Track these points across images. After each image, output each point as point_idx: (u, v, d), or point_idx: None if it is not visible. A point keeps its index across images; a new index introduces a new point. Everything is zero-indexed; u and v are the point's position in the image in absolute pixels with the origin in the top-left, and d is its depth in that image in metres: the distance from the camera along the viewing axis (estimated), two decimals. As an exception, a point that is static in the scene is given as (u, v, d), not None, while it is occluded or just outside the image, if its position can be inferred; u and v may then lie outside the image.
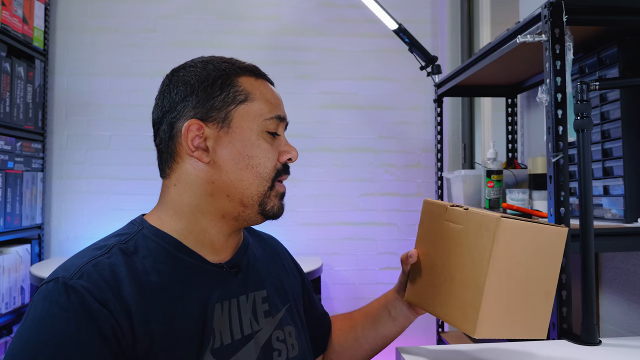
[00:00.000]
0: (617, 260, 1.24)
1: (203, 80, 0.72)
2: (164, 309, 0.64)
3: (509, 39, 1.21)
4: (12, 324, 2.15)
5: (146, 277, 0.65)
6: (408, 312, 0.86)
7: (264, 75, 0.78)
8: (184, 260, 0.69)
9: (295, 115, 2.59)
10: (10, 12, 2.11)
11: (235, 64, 0.75)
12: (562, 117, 0.97)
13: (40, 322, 0.58)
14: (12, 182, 2.13)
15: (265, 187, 0.72)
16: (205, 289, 0.69)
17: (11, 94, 2.11)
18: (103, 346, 0.58)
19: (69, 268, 0.63)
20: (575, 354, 0.83)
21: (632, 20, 1.02)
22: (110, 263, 0.64)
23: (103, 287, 0.61)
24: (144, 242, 0.69)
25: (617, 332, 1.24)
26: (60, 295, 0.59)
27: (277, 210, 0.74)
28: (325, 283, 2.48)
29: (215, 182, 0.71)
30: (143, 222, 0.72)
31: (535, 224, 0.68)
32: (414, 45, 1.97)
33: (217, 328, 0.67)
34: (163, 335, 0.62)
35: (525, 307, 0.70)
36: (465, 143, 2.52)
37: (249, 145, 0.71)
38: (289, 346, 0.76)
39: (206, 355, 0.64)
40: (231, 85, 0.72)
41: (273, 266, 0.85)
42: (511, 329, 0.69)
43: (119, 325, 0.59)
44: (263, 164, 0.71)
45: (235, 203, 0.71)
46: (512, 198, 1.40)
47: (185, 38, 2.52)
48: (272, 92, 0.76)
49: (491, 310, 0.66)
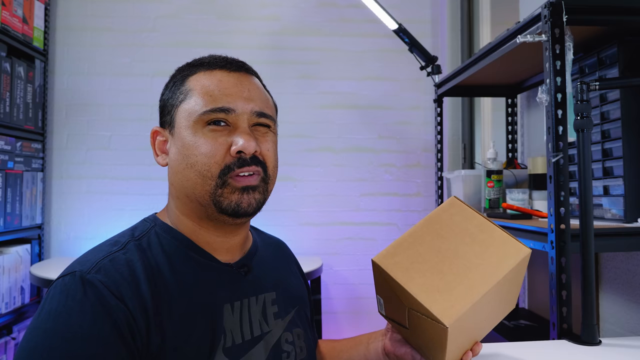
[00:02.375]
0: (617, 260, 1.24)
1: (166, 86, 0.75)
2: (176, 306, 0.64)
3: (509, 39, 1.21)
4: (12, 324, 2.15)
5: (160, 273, 0.65)
6: (381, 352, 0.81)
7: (223, 65, 0.72)
8: (194, 258, 0.70)
9: (295, 115, 2.61)
10: (10, 12, 2.11)
11: (195, 62, 0.74)
12: (562, 117, 0.97)
13: (56, 315, 0.58)
14: (12, 182, 2.13)
15: (210, 185, 0.67)
16: (215, 287, 0.69)
17: (11, 94, 2.11)
18: (118, 341, 0.58)
19: (86, 263, 0.63)
20: (575, 354, 0.83)
21: (632, 20, 1.02)
22: (127, 259, 0.64)
23: (121, 282, 0.61)
24: (156, 239, 0.69)
25: (617, 332, 1.24)
26: (77, 289, 0.59)
27: (235, 206, 0.67)
28: (325, 283, 2.48)
29: (173, 184, 0.72)
30: (156, 219, 0.73)
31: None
32: (414, 45, 1.97)
33: (228, 328, 0.67)
34: (174, 332, 0.62)
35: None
36: (465, 143, 2.52)
37: (186, 144, 0.69)
38: (298, 348, 0.76)
39: (218, 354, 0.64)
40: (178, 86, 0.73)
41: (282, 270, 0.85)
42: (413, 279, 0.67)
43: (135, 321, 0.59)
44: (201, 162, 0.67)
45: (195, 204, 0.70)
46: (512, 198, 1.40)
47: (186, 38, 2.53)
48: (218, 83, 0.70)
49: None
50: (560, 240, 0.95)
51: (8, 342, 2.07)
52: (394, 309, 0.73)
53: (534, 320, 1.56)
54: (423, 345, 0.72)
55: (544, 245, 0.99)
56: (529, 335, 1.41)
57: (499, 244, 0.68)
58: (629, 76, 1.08)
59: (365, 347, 0.84)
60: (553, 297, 0.94)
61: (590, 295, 0.90)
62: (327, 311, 2.47)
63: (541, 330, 1.44)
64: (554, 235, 0.96)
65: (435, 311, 0.62)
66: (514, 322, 1.54)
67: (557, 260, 0.95)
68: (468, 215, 0.72)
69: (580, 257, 0.91)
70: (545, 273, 1.65)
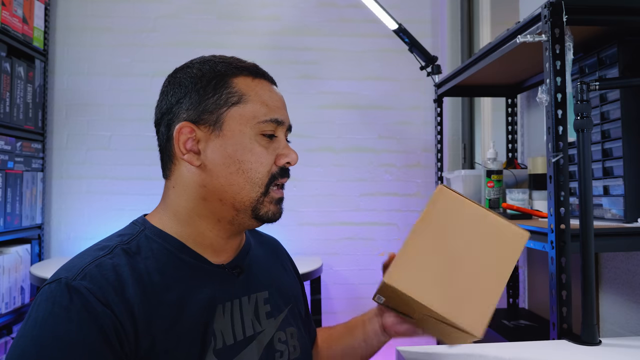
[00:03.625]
0: (617, 260, 1.24)
1: (197, 82, 0.71)
2: (166, 309, 0.63)
3: (509, 39, 1.21)
4: (12, 323, 2.15)
5: (149, 277, 0.64)
6: (380, 331, 0.84)
7: (264, 74, 0.75)
8: (186, 261, 0.69)
9: (295, 115, 2.58)
10: (10, 12, 2.11)
11: (233, 64, 0.73)
12: (562, 117, 0.97)
13: (43, 323, 0.58)
14: (12, 182, 2.13)
15: (257, 192, 0.70)
16: (207, 289, 0.68)
17: (11, 94, 2.11)
18: (105, 347, 0.58)
19: (72, 269, 0.62)
20: (575, 354, 0.83)
21: (632, 20, 1.02)
22: (113, 264, 0.63)
23: (106, 288, 0.60)
24: (146, 243, 0.68)
25: (617, 332, 1.24)
26: (62, 296, 0.59)
27: (271, 215, 0.72)
28: (325, 283, 2.48)
29: (207, 186, 0.70)
30: (145, 222, 0.72)
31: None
32: (414, 45, 1.97)
33: (218, 329, 0.67)
34: (165, 336, 0.62)
35: (464, 292, 0.71)
36: (465, 143, 2.52)
37: (241, 149, 0.69)
38: (291, 347, 0.76)
39: (208, 356, 0.64)
40: (225, 87, 0.70)
41: (274, 268, 0.85)
42: (446, 303, 0.69)
43: (122, 326, 0.59)
44: (255, 169, 0.69)
45: (228, 207, 0.70)
46: (512, 198, 1.40)
47: (186, 38, 2.52)
48: (270, 93, 0.73)
49: (415, 268, 0.69)
50: (560, 240, 0.95)
51: (8, 342, 2.07)
52: (403, 308, 0.75)
53: (534, 320, 1.56)
54: (437, 331, 0.74)
55: (544, 245, 0.99)
56: (529, 335, 1.41)
57: (498, 232, 0.72)
58: (629, 76, 1.08)
59: (362, 331, 0.86)
60: (553, 297, 0.94)
61: (590, 295, 0.90)
62: (327, 311, 2.46)
63: (541, 330, 1.44)
64: (554, 235, 0.95)
65: (464, 325, 0.66)
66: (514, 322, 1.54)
67: (557, 260, 0.94)
68: (459, 205, 0.74)
69: (580, 257, 0.91)
70: (546, 273, 1.65)
